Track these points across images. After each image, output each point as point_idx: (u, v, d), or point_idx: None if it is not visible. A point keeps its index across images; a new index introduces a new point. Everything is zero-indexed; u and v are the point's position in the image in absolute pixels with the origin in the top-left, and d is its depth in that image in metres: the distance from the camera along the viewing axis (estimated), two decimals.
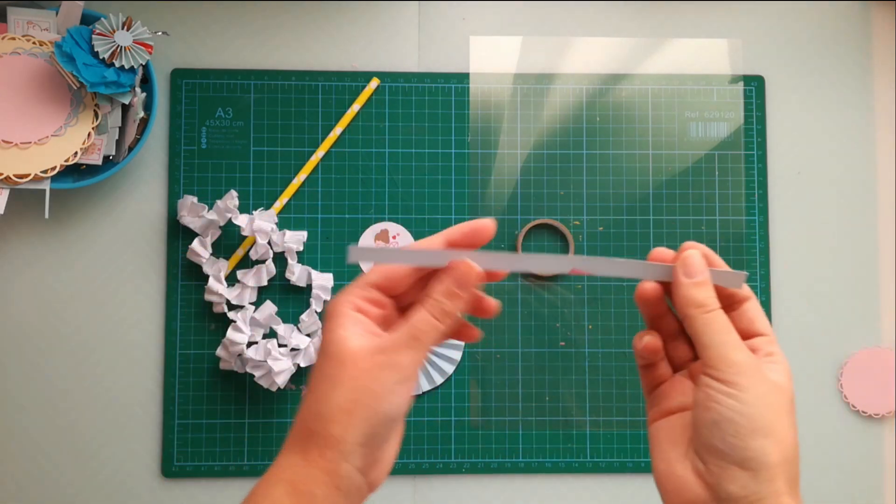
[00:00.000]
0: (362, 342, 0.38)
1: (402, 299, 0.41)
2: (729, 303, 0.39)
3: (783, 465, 0.36)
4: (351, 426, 0.36)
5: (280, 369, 0.62)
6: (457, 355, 0.66)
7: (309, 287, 0.66)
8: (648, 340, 0.41)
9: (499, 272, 0.41)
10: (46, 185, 0.61)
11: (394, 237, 0.67)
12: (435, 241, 0.40)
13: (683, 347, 0.42)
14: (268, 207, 0.66)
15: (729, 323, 0.38)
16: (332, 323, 0.39)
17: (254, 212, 0.65)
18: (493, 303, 0.41)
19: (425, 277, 0.40)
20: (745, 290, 0.40)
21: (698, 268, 0.38)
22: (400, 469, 0.65)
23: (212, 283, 0.63)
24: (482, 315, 0.41)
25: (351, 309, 0.39)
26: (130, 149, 0.63)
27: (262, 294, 0.66)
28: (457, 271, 0.38)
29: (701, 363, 0.38)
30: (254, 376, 0.63)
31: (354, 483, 0.37)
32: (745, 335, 0.39)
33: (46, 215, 0.61)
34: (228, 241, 0.66)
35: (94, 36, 0.60)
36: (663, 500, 0.39)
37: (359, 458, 0.37)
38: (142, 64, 0.61)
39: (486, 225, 0.40)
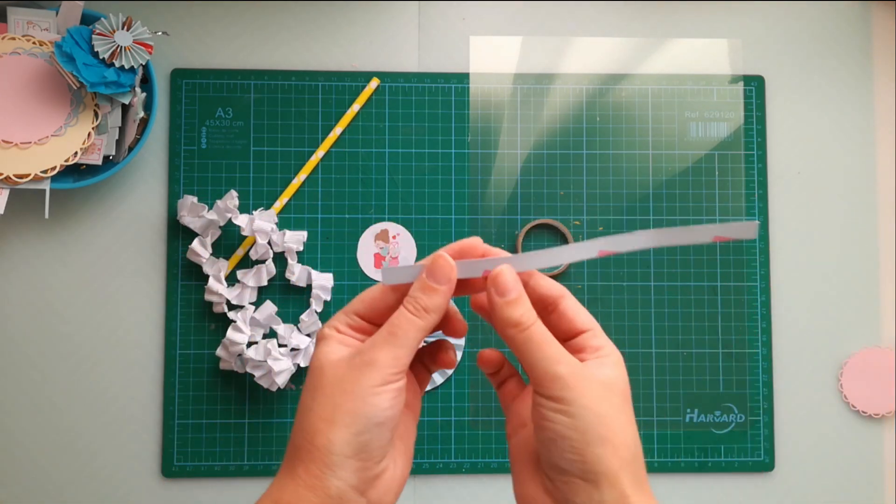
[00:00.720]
0: (341, 353, 0.37)
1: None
2: (544, 306, 0.39)
3: (623, 468, 0.35)
4: (333, 434, 0.35)
5: (280, 369, 0.62)
6: (457, 355, 0.66)
7: (309, 287, 0.66)
8: (485, 354, 0.42)
9: (475, 284, 0.39)
10: (46, 185, 0.61)
11: (394, 237, 0.67)
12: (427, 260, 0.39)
13: None
14: (268, 207, 0.66)
15: (547, 336, 0.37)
16: (318, 349, 0.39)
17: (254, 212, 0.65)
18: (463, 323, 0.41)
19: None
20: (557, 288, 0.39)
21: (510, 285, 0.37)
22: None
23: (212, 283, 0.63)
24: (452, 335, 0.41)
25: (335, 334, 0.39)
26: (130, 149, 0.63)
27: (262, 294, 0.66)
28: (432, 266, 0.38)
29: (531, 382, 0.37)
30: (254, 376, 0.63)
31: (349, 501, 0.36)
32: (569, 334, 0.38)
33: (46, 215, 0.61)
34: (228, 241, 0.66)
35: (94, 36, 0.60)
36: None
37: (349, 473, 0.35)
38: (142, 64, 0.61)
39: (475, 244, 0.39)
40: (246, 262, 0.66)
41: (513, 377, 0.43)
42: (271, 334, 0.65)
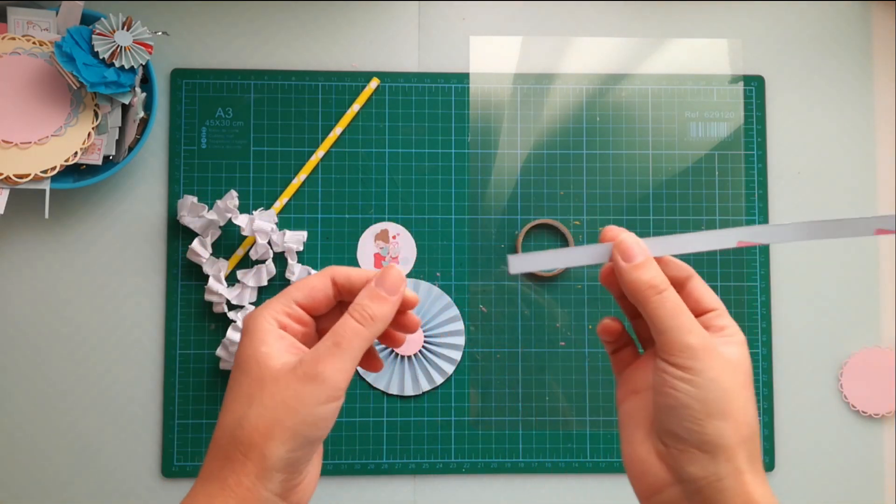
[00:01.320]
0: (284, 359, 0.36)
1: (322, 322, 0.40)
2: (673, 284, 0.39)
3: (741, 444, 0.36)
4: (268, 449, 0.34)
5: None
6: (457, 355, 0.66)
7: None
8: (606, 323, 0.42)
9: (409, 301, 0.40)
10: (46, 185, 0.61)
11: (394, 237, 0.67)
12: (363, 276, 0.39)
13: (646, 327, 0.41)
14: (268, 207, 0.66)
15: (681, 304, 0.37)
16: (252, 338, 0.37)
17: (254, 212, 0.65)
18: (415, 319, 0.40)
19: (343, 298, 0.40)
20: (686, 269, 0.39)
21: (635, 250, 0.37)
22: (400, 469, 0.65)
23: (212, 283, 0.63)
24: (404, 330, 0.41)
25: (273, 324, 0.37)
26: (130, 149, 0.63)
27: (262, 294, 0.66)
28: (384, 276, 0.37)
29: (657, 347, 0.37)
30: None
31: None
32: (696, 313, 0.38)
33: (46, 215, 0.61)
34: (228, 241, 0.66)
35: (94, 36, 0.60)
36: (631, 484, 0.39)
37: (278, 483, 0.35)
38: (142, 64, 0.61)
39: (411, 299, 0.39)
40: (246, 262, 0.66)
41: (628, 346, 0.43)
42: None
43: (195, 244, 0.64)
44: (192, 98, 0.67)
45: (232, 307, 0.65)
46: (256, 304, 0.65)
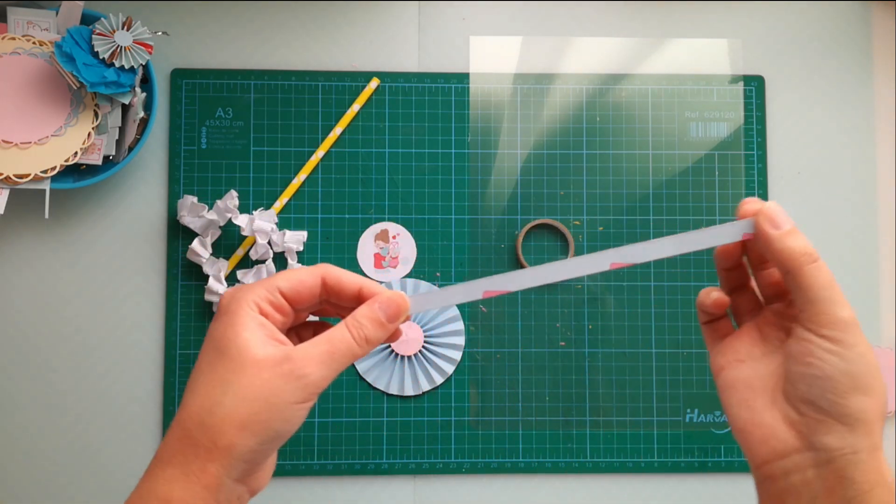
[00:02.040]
0: (267, 349, 0.35)
1: (299, 316, 0.40)
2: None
3: (879, 420, 0.36)
4: (239, 441, 0.34)
5: None
6: (457, 355, 0.66)
7: None
8: (717, 296, 0.41)
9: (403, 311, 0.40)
10: (46, 185, 0.61)
11: (394, 237, 0.67)
12: (355, 283, 0.39)
13: (747, 299, 0.42)
14: (268, 207, 0.66)
15: (832, 277, 0.37)
16: (231, 319, 0.36)
17: (254, 212, 0.65)
18: (399, 332, 0.40)
19: (328, 298, 0.39)
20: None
21: (784, 217, 0.38)
22: (400, 469, 0.65)
23: (212, 283, 0.63)
24: (387, 341, 0.41)
25: (254, 309, 0.36)
26: (130, 149, 0.63)
27: None
28: (391, 303, 0.37)
29: (802, 316, 0.37)
30: None
31: (234, 493, 0.36)
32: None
33: (46, 215, 0.61)
34: (228, 241, 0.66)
35: (94, 36, 0.60)
36: (745, 448, 0.38)
37: (241, 472, 0.35)
38: (142, 64, 0.61)
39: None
40: (246, 262, 0.66)
41: (723, 318, 0.43)
42: None
43: (195, 244, 0.64)
44: (192, 98, 0.67)
45: None
46: None
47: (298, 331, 0.42)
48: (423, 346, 0.65)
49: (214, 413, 0.34)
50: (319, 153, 0.67)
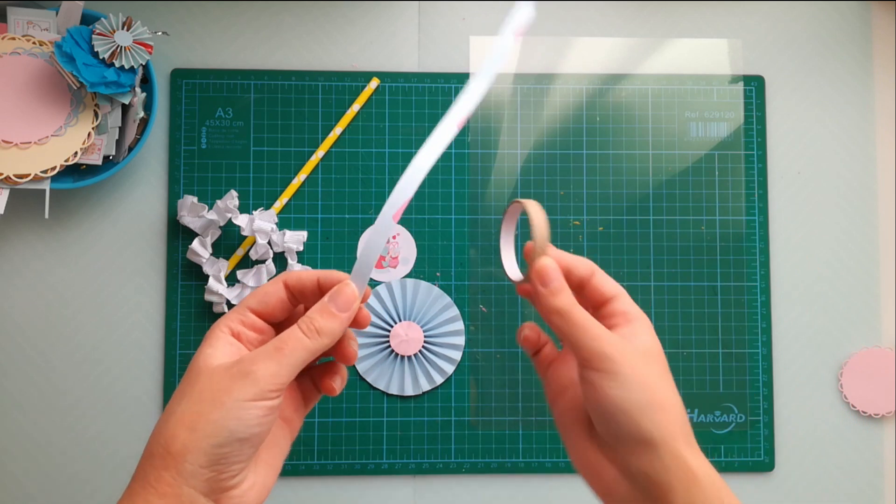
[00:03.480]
0: (223, 360, 0.36)
1: (281, 329, 0.39)
2: (579, 283, 0.40)
3: (677, 429, 0.37)
4: (191, 442, 0.33)
5: None
6: (457, 355, 0.66)
7: None
8: (527, 333, 0.43)
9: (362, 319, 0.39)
10: (46, 185, 0.61)
11: (394, 237, 0.67)
12: (312, 275, 0.39)
13: None
14: (268, 207, 0.66)
15: (587, 317, 0.38)
16: (202, 345, 0.37)
17: (254, 212, 0.65)
18: (354, 350, 0.40)
19: (299, 301, 0.40)
20: (588, 266, 0.41)
21: (552, 276, 0.39)
22: (400, 469, 0.65)
23: (212, 283, 0.63)
24: (341, 360, 0.40)
25: (226, 332, 0.38)
26: (130, 149, 0.63)
27: None
28: (336, 292, 0.37)
29: (577, 357, 0.38)
30: None
31: None
32: (599, 303, 0.40)
33: (46, 215, 0.61)
34: (228, 241, 0.66)
35: (94, 36, 0.60)
36: (590, 487, 0.39)
37: (201, 481, 0.34)
38: (142, 64, 0.61)
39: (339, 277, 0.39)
40: (246, 262, 0.66)
41: (546, 344, 0.44)
42: None
43: (195, 244, 0.64)
44: (192, 98, 0.67)
45: (232, 307, 0.65)
46: None
47: (311, 373, 0.42)
48: (423, 346, 0.65)
49: (167, 420, 0.35)
50: (319, 153, 0.67)
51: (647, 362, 0.38)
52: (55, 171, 0.61)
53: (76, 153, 0.61)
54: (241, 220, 0.63)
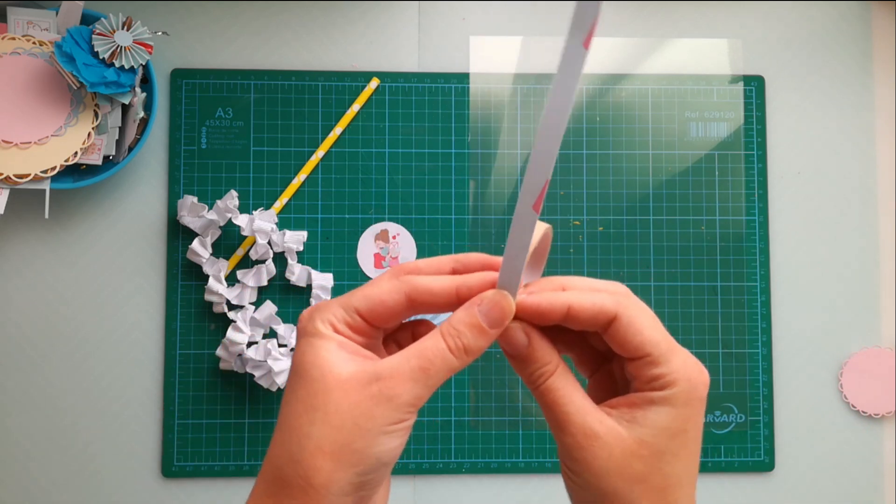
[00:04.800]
0: (352, 367, 0.31)
1: (392, 335, 0.36)
2: (594, 326, 0.32)
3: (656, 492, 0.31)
4: (335, 474, 0.30)
5: (280, 369, 0.62)
6: None
7: (309, 287, 0.66)
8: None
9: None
10: (46, 185, 0.61)
11: (394, 237, 0.67)
12: (445, 263, 0.34)
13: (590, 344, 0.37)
14: (268, 207, 0.66)
15: (560, 394, 0.32)
16: (310, 341, 0.32)
17: (254, 212, 0.65)
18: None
19: (420, 311, 0.34)
20: (608, 307, 0.32)
21: (517, 341, 0.32)
22: (400, 469, 0.65)
23: (212, 283, 0.63)
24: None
25: (330, 330, 0.32)
26: (130, 149, 0.63)
27: (262, 294, 0.66)
28: (493, 306, 0.31)
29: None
30: (254, 376, 0.63)
31: None
32: (632, 355, 0.32)
33: (46, 215, 0.61)
34: (228, 241, 0.66)
35: (94, 36, 0.60)
36: None
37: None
38: (142, 64, 0.61)
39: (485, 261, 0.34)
40: (246, 262, 0.66)
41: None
42: (271, 334, 0.65)
43: (195, 244, 0.64)
44: (192, 98, 0.67)
45: (232, 307, 0.65)
46: (256, 304, 0.65)
47: (396, 336, 0.37)
48: None
49: (304, 446, 0.30)
50: (319, 153, 0.67)
51: (623, 462, 0.31)
52: (55, 171, 0.61)
53: (76, 153, 0.61)
54: (241, 220, 0.63)
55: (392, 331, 0.36)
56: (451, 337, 0.32)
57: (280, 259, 0.66)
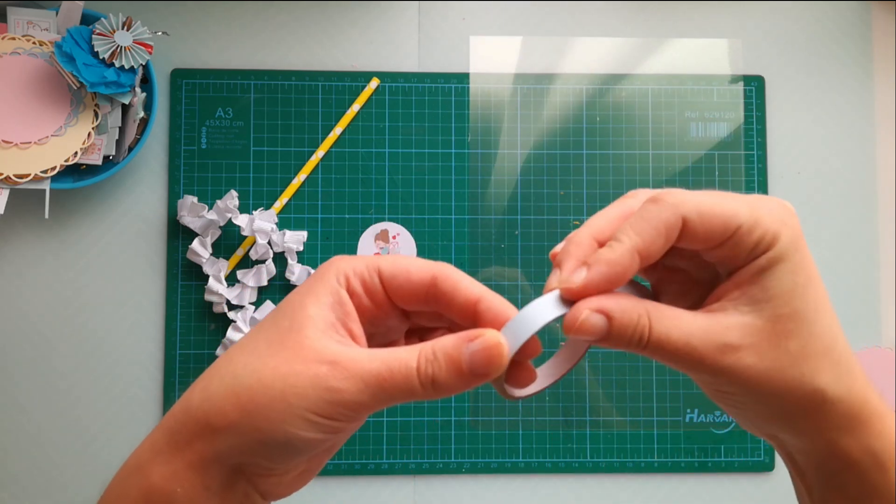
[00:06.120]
0: (319, 337, 0.28)
1: (407, 315, 0.32)
2: (667, 248, 0.28)
3: (832, 385, 0.28)
4: (241, 427, 0.27)
5: None
6: None
7: None
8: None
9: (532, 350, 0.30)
10: (46, 185, 0.61)
11: (394, 237, 0.67)
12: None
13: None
14: (268, 207, 0.66)
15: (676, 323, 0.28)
16: (311, 286, 0.29)
17: (254, 212, 0.65)
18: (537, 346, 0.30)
19: (438, 306, 0.31)
20: (670, 219, 0.28)
21: (598, 328, 0.28)
22: (400, 469, 0.65)
23: (212, 283, 0.63)
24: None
25: (341, 282, 0.29)
26: (130, 149, 0.63)
27: (262, 294, 0.66)
28: (484, 352, 0.27)
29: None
30: None
31: (235, 488, 0.29)
32: (719, 242, 0.29)
33: (46, 215, 0.61)
34: (228, 241, 0.66)
35: (94, 36, 0.60)
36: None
37: (243, 464, 0.28)
38: (142, 64, 0.61)
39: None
40: (246, 262, 0.66)
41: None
42: None
43: (195, 244, 0.64)
44: (192, 98, 0.67)
45: (232, 307, 0.65)
46: (256, 304, 0.65)
47: (408, 336, 0.34)
48: None
49: (221, 384, 0.28)
50: (319, 153, 0.67)
51: (780, 349, 0.27)
52: (55, 171, 0.61)
53: (76, 153, 0.61)
54: (241, 220, 0.63)
55: (415, 327, 0.33)
56: (426, 360, 0.27)
57: (280, 259, 0.66)
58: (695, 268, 0.32)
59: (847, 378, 0.28)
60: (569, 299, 0.28)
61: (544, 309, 0.28)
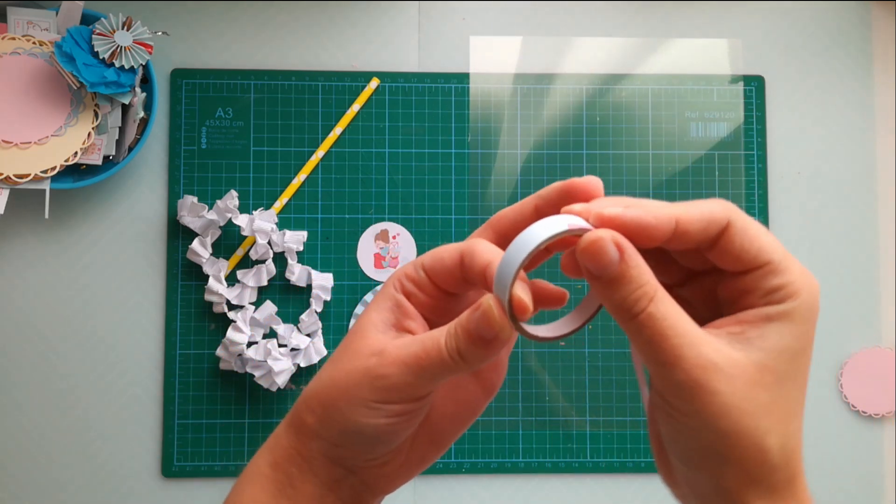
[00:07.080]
0: (376, 335, 0.31)
1: (458, 297, 0.33)
2: (702, 238, 0.28)
3: (752, 485, 0.28)
4: (321, 423, 0.31)
5: (280, 369, 0.62)
6: None
7: (309, 287, 0.66)
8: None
9: (556, 296, 0.31)
10: (46, 185, 0.61)
11: (394, 237, 0.67)
12: (527, 204, 0.31)
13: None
14: (268, 207, 0.66)
15: (665, 323, 0.27)
16: (376, 297, 0.33)
17: (254, 212, 0.65)
18: (558, 291, 0.31)
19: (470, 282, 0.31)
20: (718, 214, 0.28)
21: (610, 257, 0.27)
22: None
23: (212, 283, 0.63)
24: (551, 306, 0.32)
25: (397, 288, 0.32)
26: (130, 149, 0.63)
27: (262, 294, 0.66)
28: (482, 316, 0.28)
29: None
30: (254, 376, 0.63)
31: (345, 482, 0.33)
32: (747, 267, 0.29)
33: (46, 215, 0.61)
34: (228, 241, 0.66)
35: (94, 36, 0.60)
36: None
37: (339, 457, 0.32)
38: (142, 64, 0.61)
39: (588, 184, 0.29)
40: (246, 262, 0.66)
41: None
42: (271, 334, 0.65)
43: (195, 244, 0.64)
44: (192, 98, 0.67)
45: (232, 307, 0.65)
46: (256, 304, 0.65)
47: None
48: None
49: (312, 387, 0.32)
50: (319, 153, 0.67)
51: (749, 389, 0.27)
52: (55, 171, 0.61)
53: (76, 153, 0.61)
54: (241, 220, 0.63)
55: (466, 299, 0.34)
56: (449, 335, 0.29)
57: (280, 259, 0.66)
58: (702, 300, 0.32)
59: (792, 454, 0.28)
60: (587, 226, 0.27)
61: (550, 224, 0.27)
